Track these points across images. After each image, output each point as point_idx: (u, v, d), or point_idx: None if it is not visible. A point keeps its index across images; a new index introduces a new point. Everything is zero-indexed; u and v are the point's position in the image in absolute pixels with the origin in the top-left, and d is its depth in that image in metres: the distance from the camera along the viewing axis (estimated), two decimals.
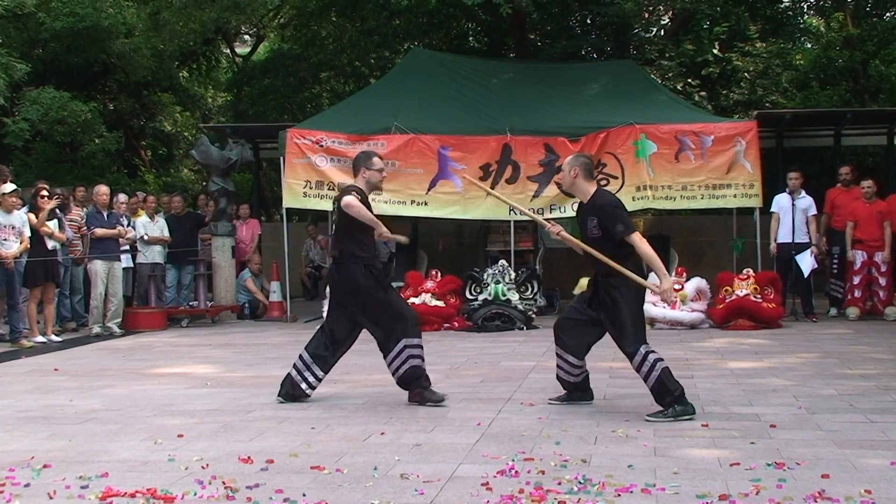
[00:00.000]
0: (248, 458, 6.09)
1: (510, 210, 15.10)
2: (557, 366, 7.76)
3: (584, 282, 13.93)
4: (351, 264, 7.96)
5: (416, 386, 7.94)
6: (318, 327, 8.40)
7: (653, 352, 7.17)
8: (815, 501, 4.93)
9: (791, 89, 22.72)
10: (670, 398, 7.08)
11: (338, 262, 8.07)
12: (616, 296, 7.23)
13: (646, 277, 7.38)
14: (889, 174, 18.58)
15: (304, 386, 8.12)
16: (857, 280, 14.46)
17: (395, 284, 15.40)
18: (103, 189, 14.83)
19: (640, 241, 7.24)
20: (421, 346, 7.96)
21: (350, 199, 7.77)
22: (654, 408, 7.18)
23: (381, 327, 8.00)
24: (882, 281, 14.42)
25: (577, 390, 7.77)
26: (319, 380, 8.16)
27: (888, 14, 24.69)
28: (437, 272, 15.01)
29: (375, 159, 8.24)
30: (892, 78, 23.59)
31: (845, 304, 14.68)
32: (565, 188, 7.95)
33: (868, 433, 6.51)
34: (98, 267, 14.28)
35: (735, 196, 15.18)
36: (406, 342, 7.87)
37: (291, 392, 8.13)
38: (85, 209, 15.30)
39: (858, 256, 14.39)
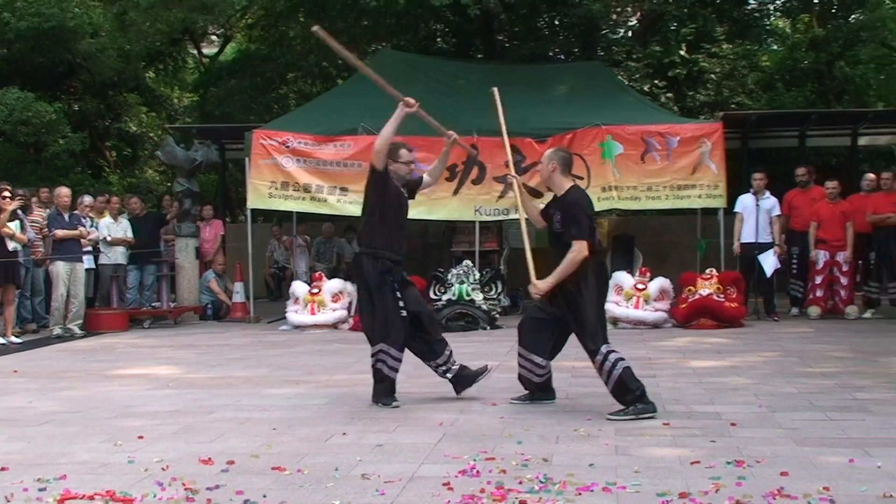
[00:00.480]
0: (209, 459, 6.05)
1: (475, 210, 15.21)
2: (519, 365, 7.74)
3: None
4: (363, 256, 7.97)
5: (376, 388, 7.94)
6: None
7: (614, 351, 7.17)
8: (775, 499, 4.94)
9: (757, 90, 22.85)
10: (631, 396, 7.09)
11: (357, 255, 8.15)
12: (581, 287, 7.25)
13: (604, 281, 7.37)
14: (852, 175, 18.71)
15: (435, 371, 8.25)
16: (819, 280, 14.56)
17: None
18: (64, 191, 14.75)
19: (576, 250, 7.17)
20: (394, 358, 7.84)
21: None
22: (615, 406, 7.18)
23: (370, 323, 7.98)
24: (843, 280, 14.52)
25: (539, 390, 7.76)
26: (441, 356, 8.12)
27: (854, 16, 24.87)
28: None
29: (403, 151, 8.18)
30: (857, 79, 23.80)
31: (807, 304, 14.77)
32: (542, 180, 7.92)
33: (827, 431, 6.55)
34: (60, 268, 14.17)
35: (700, 196, 15.26)
36: (382, 347, 7.83)
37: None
38: (48, 210, 15.18)
39: (821, 256, 14.49)
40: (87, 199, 15.51)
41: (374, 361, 7.88)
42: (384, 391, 7.88)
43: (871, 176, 15.09)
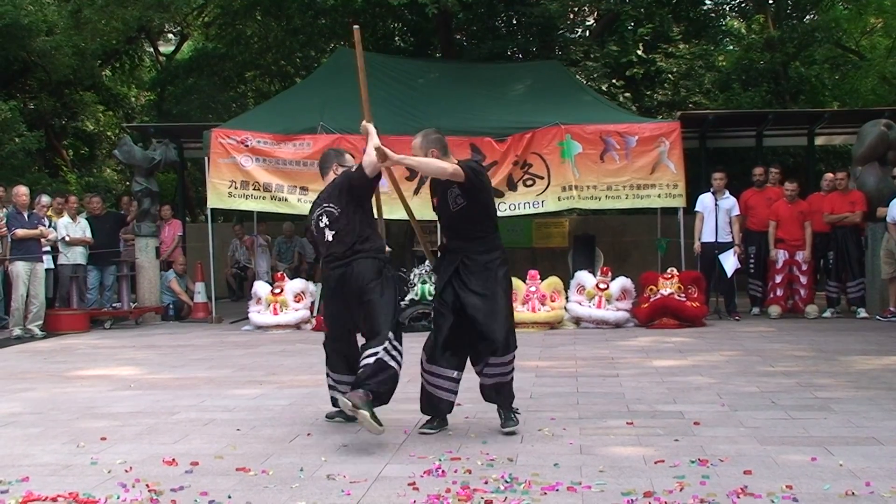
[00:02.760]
0: (173, 460, 6.01)
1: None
2: None
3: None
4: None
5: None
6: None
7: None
8: (738, 497, 4.98)
9: (713, 90, 22.97)
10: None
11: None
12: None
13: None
14: (809, 175, 18.88)
15: None
16: (778, 279, 14.70)
17: (320, 285, 15.36)
18: (23, 190, 14.63)
19: (447, 165, 7.01)
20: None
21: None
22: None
23: None
24: (803, 279, 14.68)
25: None
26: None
27: (808, 16, 25.09)
28: None
29: (348, 156, 7.77)
30: (812, 79, 24.01)
31: (767, 303, 14.89)
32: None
33: (789, 429, 6.60)
34: (20, 268, 14.05)
35: (659, 196, 15.32)
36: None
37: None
38: (5, 210, 15.04)
39: (780, 256, 14.62)
40: (45, 199, 15.38)
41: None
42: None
43: (830, 176, 15.19)
